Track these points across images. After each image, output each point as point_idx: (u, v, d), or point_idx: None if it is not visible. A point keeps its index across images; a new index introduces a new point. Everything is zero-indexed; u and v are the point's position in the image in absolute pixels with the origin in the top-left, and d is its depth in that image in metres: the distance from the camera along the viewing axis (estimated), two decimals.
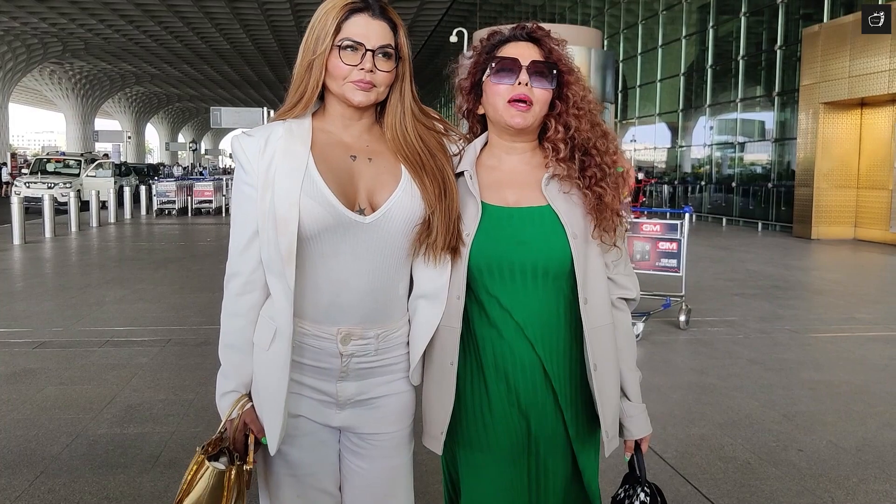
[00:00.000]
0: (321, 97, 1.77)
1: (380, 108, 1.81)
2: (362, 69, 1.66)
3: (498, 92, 1.79)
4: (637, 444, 1.91)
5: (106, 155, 29.64)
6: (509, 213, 1.79)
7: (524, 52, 1.80)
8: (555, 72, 1.80)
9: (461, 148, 1.89)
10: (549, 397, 1.78)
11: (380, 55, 1.68)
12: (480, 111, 1.89)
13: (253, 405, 1.77)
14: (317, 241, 1.66)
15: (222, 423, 1.77)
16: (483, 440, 1.80)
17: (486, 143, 1.90)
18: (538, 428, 1.79)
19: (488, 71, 1.82)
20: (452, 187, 1.76)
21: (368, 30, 1.67)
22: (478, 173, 1.83)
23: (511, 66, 1.78)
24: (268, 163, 1.68)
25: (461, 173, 1.82)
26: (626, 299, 1.88)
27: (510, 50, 1.81)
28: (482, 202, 1.79)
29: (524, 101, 1.77)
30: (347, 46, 1.66)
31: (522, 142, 1.86)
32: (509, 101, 1.77)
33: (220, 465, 1.72)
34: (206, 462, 1.71)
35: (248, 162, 1.71)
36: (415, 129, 1.77)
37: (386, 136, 1.78)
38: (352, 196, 1.69)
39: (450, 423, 1.81)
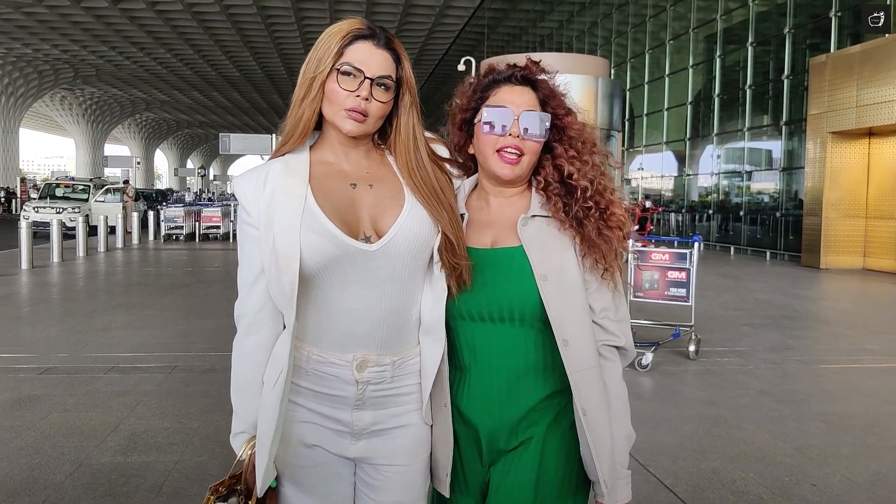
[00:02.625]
0: (319, 126, 1.76)
1: (379, 134, 1.79)
2: (358, 96, 1.64)
3: (488, 141, 1.75)
4: None
5: (126, 181, 29.85)
6: (483, 255, 1.75)
7: (517, 99, 1.75)
8: (547, 123, 1.76)
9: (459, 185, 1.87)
10: (517, 448, 1.72)
11: (378, 85, 1.66)
12: (471, 150, 1.85)
13: None
14: (324, 273, 1.64)
15: (235, 463, 1.75)
16: (462, 485, 1.80)
17: (476, 185, 1.87)
18: (502, 479, 1.72)
19: (479, 116, 1.78)
20: (461, 223, 1.76)
21: (371, 58, 1.65)
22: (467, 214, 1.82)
23: (503, 115, 1.73)
24: (268, 201, 1.67)
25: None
26: (615, 347, 1.77)
27: (503, 95, 1.77)
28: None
29: (514, 153, 1.73)
30: (346, 72, 1.64)
31: (511, 188, 1.82)
32: (498, 151, 1.73)
33: None
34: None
35: (248, 202, 1.70)
36: (429, 163, 1.75)
37: (398, 166, 1.75)
38: (354, 225, 1.67)
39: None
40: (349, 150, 1.74)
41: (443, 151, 1.85)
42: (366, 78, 1.64)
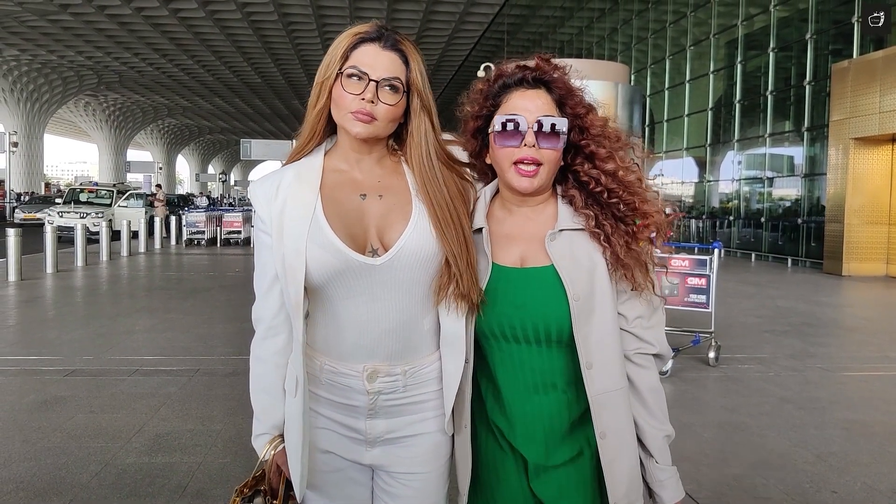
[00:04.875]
0: (334, 131, 1.76)
1: (394, 139, 1.77)
2: (363, 99, 1.62)
3: (503, 154, 1.68)
4: None
5: (158, 185, 30.24)
6: (510, 275, 1.69)
7: (530, 105, 1.67)
8: (565, 128, 1.68)
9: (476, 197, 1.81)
10: (561, 463, 1.69)
11: (385, 87, 1.63)
12: (487, 159, 1.77)
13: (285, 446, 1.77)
14: (330, 285, 1.65)
15: (258, 464, 1.78)
16: (499, 501, 1.77)
17: (496, 192, 1.81)
18: (548, 496, 1.69)
19: (492, 126, 1.70)
20: (469, 236, 1.71)
21: (376, 60, 1.64)
22: (489, 226, 1.74)
23: (516, 125, 1.65)
24: (279, 210, 1.68)
25: (479, 229, 1.74)
26: (654, 355, 1.74)
27: (516, 101, 1.68)
28: (492, 262, 1.71)
29: (532, 164, 1.65)
30: (352, 75, 1.63)
31: (533, 198, 1.74)
32: (515, 163, 1.66)
33: None
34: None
35: (261, 209, 1.71)
36: (441, 171, 1.72)
37: (412, 174, 1.73)
38: (361, 238, 1.66)
39: (473, 481, 1.78)
40: (362, 157, 1.73)
41: (462, 155, 1.83)
42: (371, 80, 1.62)
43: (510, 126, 1.66)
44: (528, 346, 1.67)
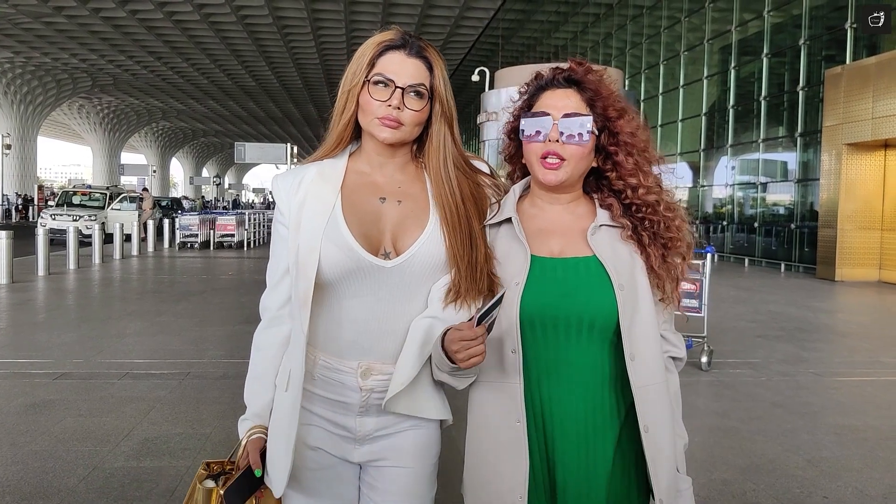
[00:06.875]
0: (359, 135, 1.78)
1: (417, 146, 1.80)
2: (389, 105, 1.65)
3: (530, 149, 1.71)
4: None
5: (145, 189, 30.30)
6: (554, 264, 1.69)
7: (558, 103, 1.69)
8: (589, 126, 1.69)
9: (499, 199, 1.81)
10: (592, 458, 1.66)
11: (410, 93, 1.67)
12: (524, 160, 1.78)
13: (261, 436, 1.79)
14: (338, 283, 1.68)
15: (235, 447, 1.81)
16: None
17: (526, 188, 1.81)
18: (573, 488, 1.66)
19: (521, 124, 1.73)
20: (479, 239, 1.71)
21: (402, 67, 1.67)
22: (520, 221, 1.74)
23: (542, 122, 1.68)
24: (299, 204, 1.71)
25: (506, 220, 1.74)
26: (674, 358, 1.78)
27: (545, 100, 1.71)
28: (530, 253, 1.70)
29: (556, 159, 1.67)
30: (378, 82, 1.66)
31: (564, 194, 1.76)
32: (542, 158, 1.68)
33: (209, 484, 1.77)
34: (200, 480, 1.77)
35: (281, 202, 1.75)
36: (457, 177, 1.74)
37: (430, 179, 1.74)
38: (376, 240, 1.68)
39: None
40: (385, 161, 1.76)
41: (482, 167, 1.84)
42: (397, 87, 1.66)
43: (537, 122, 1.70)
44: (568, 339, 1.66)
